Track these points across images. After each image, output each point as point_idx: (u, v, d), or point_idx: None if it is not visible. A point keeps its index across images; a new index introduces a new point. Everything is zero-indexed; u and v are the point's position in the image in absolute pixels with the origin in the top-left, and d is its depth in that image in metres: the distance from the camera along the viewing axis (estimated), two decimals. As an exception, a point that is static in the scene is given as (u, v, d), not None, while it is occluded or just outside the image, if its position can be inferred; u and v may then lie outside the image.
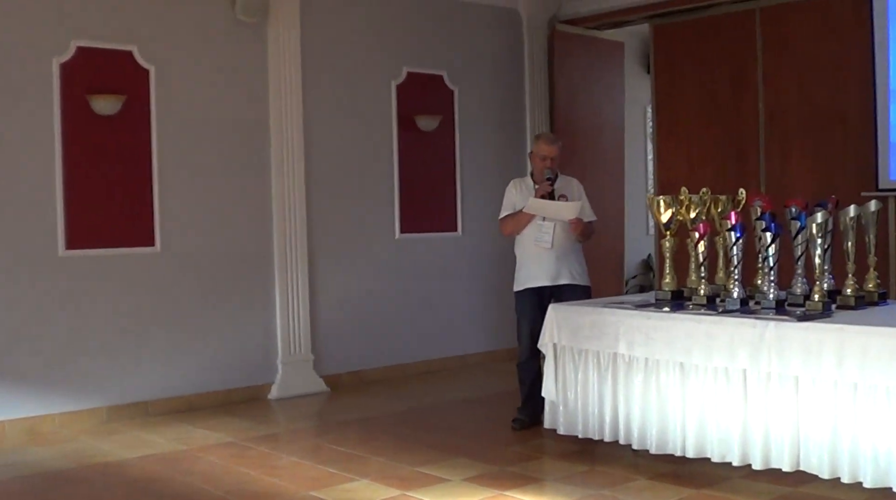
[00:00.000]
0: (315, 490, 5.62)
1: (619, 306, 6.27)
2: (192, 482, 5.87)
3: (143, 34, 7.78)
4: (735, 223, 5.91)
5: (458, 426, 7.29)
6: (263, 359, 8.45)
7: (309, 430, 7.46)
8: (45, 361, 7.32)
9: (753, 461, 5.40)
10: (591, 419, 6.23)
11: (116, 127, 7.62)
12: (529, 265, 7.15)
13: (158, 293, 7.88)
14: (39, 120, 7.30)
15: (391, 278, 9.30)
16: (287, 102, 8.52)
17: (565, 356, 6.39)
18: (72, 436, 7.15)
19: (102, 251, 7.59)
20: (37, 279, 7.29)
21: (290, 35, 8.53)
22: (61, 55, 7.38)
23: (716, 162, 9.53)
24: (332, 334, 8.85)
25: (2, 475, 6.14)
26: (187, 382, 8.01)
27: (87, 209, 7.49)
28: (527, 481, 5.71)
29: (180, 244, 7.99)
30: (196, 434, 7.14)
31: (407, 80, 9.46)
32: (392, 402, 8.24)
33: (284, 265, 8.50)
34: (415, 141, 9.48)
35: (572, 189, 7.18)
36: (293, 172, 8.54)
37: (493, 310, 9.88)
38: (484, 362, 9.89)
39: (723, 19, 9.50)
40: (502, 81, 10.25)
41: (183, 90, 8.01)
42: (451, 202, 9.78)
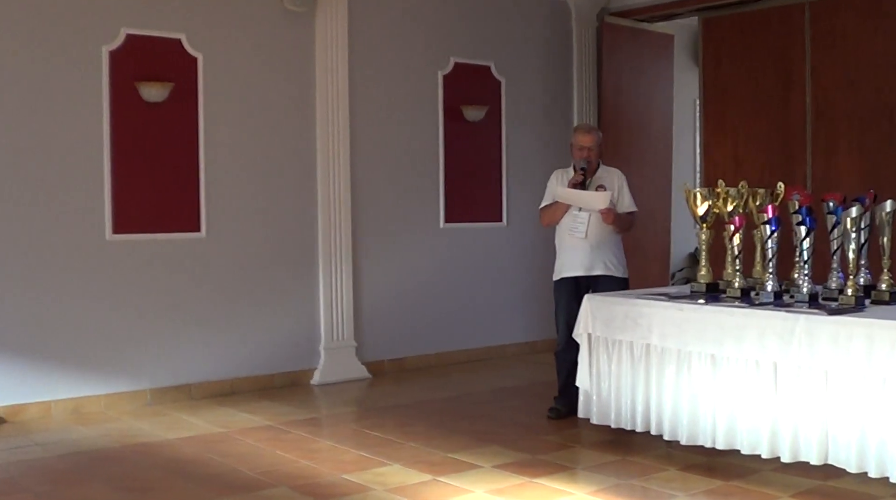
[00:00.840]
0: (347, 474, 5.70)
1: (653, 297, 6.28)
2: (228, 464, 5.97)
3: (191, 22, 7.91)
4: (771, 217, 5.90)
5: (494, 415, 7.33)
6: (306, 345, 8.56)
7: (347, 415, 7.55)
8: (91, 343, 7.48)
9: (782, 453, 5.39)
10: (624, 410, 6.25)
11: (164, 114, 7.75)
12: (565, 255, 7.18)
13: (203, 278, 8.02)
14: (88, 107, 7.45)
15: (435, 267, 9.37)
16: (333, 92, 8.61)
17: (599, 347, 6.42)
18: (115, 417, 7.30)
19: (148, 236, 7.73)
20: (84, 263, 7.45)
21: (338, 24, 8.61)
22: (110, 43, 7.52)
23: (762, 156, 9.47)
24: (375, 321, 8.94)
25: (46, 453, 6.29)
26: (230, 366, 8.14)
27: (133, 194, 7.64)
28: (557, 469, 5.75)
29: (226, 230, 8.11)
30: (236, 418, 7.26)
31: (454, 71, 9.50)
32: (431, 390, 8.31)
33: (329, 252, 8.60)
34: (461, 131, 9.52)
35: (613, 180, 7.18)
36: (339, 160, 8.63)
37: (535, 300, 9.91)
38: (526, 352, 9.94)
39: (772, 13, 9.43)
40: (550, 73, 10.27)
41: (230, 78, 8.12)
42: (496, 193, 9.82)
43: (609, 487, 5.39)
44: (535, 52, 10.15)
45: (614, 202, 7.00)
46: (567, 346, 6.91)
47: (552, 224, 7.25)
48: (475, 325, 9.64)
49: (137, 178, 7.66)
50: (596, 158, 7.15)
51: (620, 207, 7.04)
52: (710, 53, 10.02)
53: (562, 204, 7.05)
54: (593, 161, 7.10)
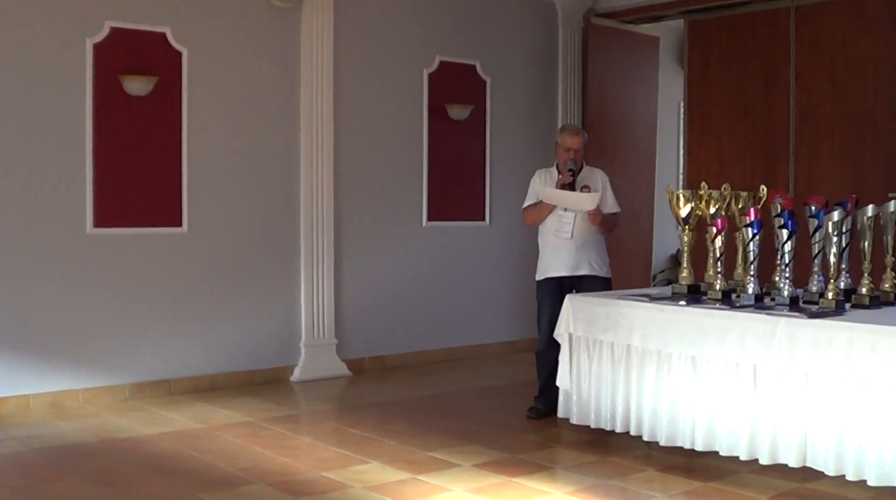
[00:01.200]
0: (326, 471, 5.69)
1: (634, 298, 6.29)
2: (206, 460, 5.95)
3: (176, 16, 7.87)
4: (753, 219, 5.92)
5: (475, 414, 7.33)
6: (287, 341, 8.53)
7: (327, 412, 7.53)
8: (71, 337, 7.44)
9: (761, 455, 5.41)
10: (604, 410, 6.26)
11: (148, 108, 7.71)
12: (549, 255, 7.19)
13: (185, 273, 7.98)
14: (72, 99, 7.40)
15: (417, 265, 9.36)
16: (318, 88, 8.58)
17: (580, 347, 6.43)
18: (94, 412, 7.27)
19: (130, 230, 7.69)
20: (64, 256, 7.41)
21: (324, 20, 8.59)
22: (94, 35, 7.47)
23: (745, 159, 9.50)
24: (356, 318, 8.92)
25: (24, 447, 6.25)
26: (210, 362, 8.11)
27: (115, 188, 7.59)
28: (536, 468, 5.75)
29: (208, 225, 8.08)
30: (215, 413, 7.24)
31: (439, 69, 9.49)
32: (412, 388, 8.30)
33: (310, 249, 8.58)
34: (445, 130, 9.52)
35: (597, 180, 7.20)
36: (322, 157, 8.61)
37: (517, 300, 9.91)
38: (507, 351, 9.94)
39: (758, 16, 9.45)
40: (535, 73, 10.27)
41: (215, 73, 8.09)
42: (479, 191, 9.82)
43: (588, 487, 5.40)
44: (521, 51, 10.16)
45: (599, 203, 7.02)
46: (548, 346, 6.92)
47: (536, 224, 7.26)
48: (456, 323, 9.63)
49: (120, 171, 7.61)
50: (581, 160, 7.16)
51: (604, 208, 7.04)
52: (695, 56, 10.04)
53: (546, 204, 7.05)
54: (579, 162, 7.11)
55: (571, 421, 6.48)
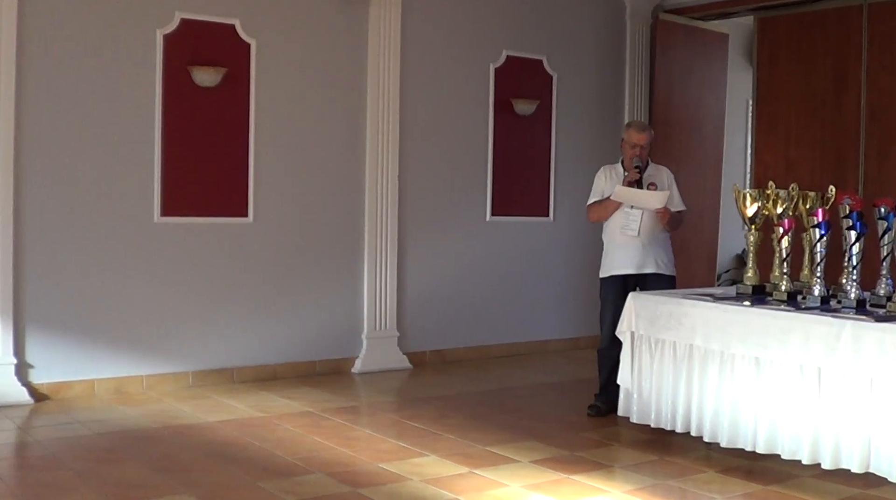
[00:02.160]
0: (384, 463, 5.71)
1: (698, 297, 6.23)
2: (265, 448, 6.01)
3: (245, 8, 7.94)
4: (821, 220, 5.84)
5: (534, 410, 7.31)
6: (349, 333, 8.58)
7: (387, 404, 7.55)
8: (136, 324, 7.55)
9: (823, 460, 5.34)
10: (665, 409, 6.22)
11: (216, 99, 7.79)
12: (615, 253, 7.14)
13: (249, 263, 8.06)
14: (142, 90, 7.51)
15: (479, 260, 9.36)
16: (385, 81, 8.62)
17: (642, 345, 6.39)
18: (157, 398, 7.37)
19: (196, 220, 7.78)
20: (132, 244, 7.52)
21: (391, 14, 8.61)
22: (165, 27, 7.57)
23: (814, 159, 9.36)
24: (418, 312, 8.95)
25: (88, 431, 6.36)
26: (273, 351, 8.18)
27: (183, 178, 7.69)
28: (595, 466, 5.73)
29: (273, 216, 8.15)
30: (277, 403, 7.30)
31: (506, 64, 9.47)
32: (472, 382, 8.30)
33: (374, 241, 8.62)
34: (511, 125, 9.50)
35: (662, 178, 7.15)
36: (388, 150, 8.64)
37: (579, 297, 9.88)
38: (568, 348, 9.90)
39: (829, 14, 9.31)
40: (602, 69, 10.21)
41: (282, 65, 8.15)
42: (544, 187, 9.79)
43: (646, 486, 5.36)
44: (588, 47, 10.10)
45: None
46: (611, 343, 6.86)
47: (601, 221, 7.22)
48: (518, 319, 9.62)
49: (187, 161, 7.71)
50: (647, 156, 7.11)
51: (670, 206, 6.97)
52: (764, 53, 9.91)
53: (613, 201, 6.99)
54: (644, 159, 7.06)
55: (631, 420, 6.45)
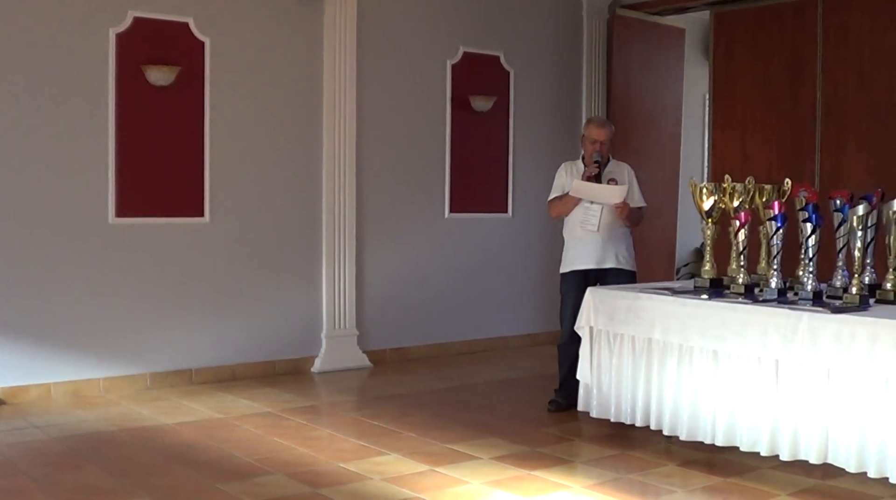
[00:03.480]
0: (345, 462, 5.68)
1: (656, 291, 6.25)
2: (225, 449, 5.96)
3: (199, 6, 7.87)
4: (777, 213, 5.87)
5: (495, 406, 7.30)
6: (308, 332, 8.54)
7: (347, 404, 7.53)
8: (92, 326, 7.47)
9: (782, 451, 5.37)
10: (624, 404, 6.23)
11: (170, 98, 7.72)
12: (576, 248, 7.15)
13: (206, 263, 8.00)
14: (95, 89, 7.42)
15: (438, 257, 9.34)
16: (341, 78, 8.57)
17: (601, 340, 6.41)
18: (115, 401, 7.29)
19: (152, 220, 7.71)
20: (86, 246, 7.43)
21: (347, 11, 8.57)
22: (118, 25, 7.49)
23: (771, 153, 9.41)
24: (378, 310, 8.92)
25: (46, 435, 6.28)
26: (231, 352, 8.12)
27: (138, 178, 7.61)
28: (556, 462, 5.73)
29: (229, 215, 8.09)
30: (236, 404, 7.25)
31: (463, 60, 9.46)
32: (432, 380, 8.29)
33: (332, 240, 8.57)
34: (468, 121, 9.49)
35: (623, 174, 7.16)
36: (345, 148, 8.60)
37: (539, 293, 9.88)
38: (528, 344, 9.90)
39: (784, 8, 9.35)
40: (560, 65, 10.22)
41: (237, 63, 8.09)
42: (502, 184, 9.78)
43: (608, 481, 5.37)
44: (546, 43, 10.10)
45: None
46: (570, 339, 6.87)
47: (562, 216, 7.23)
48: (478, 316, 9.61)
49: (142, 161, 7.63)
50: (607, 152, 7.12)
51: (631, 202, 6.99)
52: (721, 48, 9.95)
53: (573, 197, 7.01)
54: (605, 155, 7.07)
55: (591, 415, 6.46)
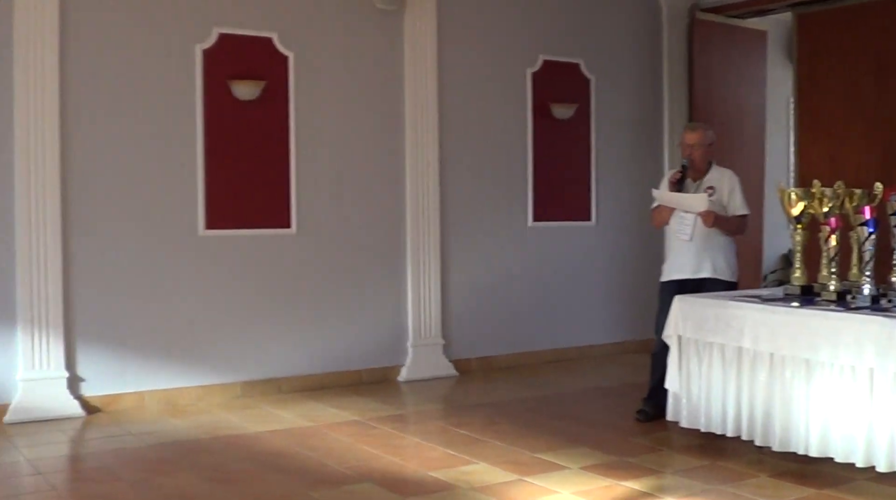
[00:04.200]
0: (434, 471, 5.71)
1: (746, 299, 6.18)
2: (315, 458, 6.03)
3: (283, 21, 7.99)
4: (868, 218, 5.78)
5: (583, 415, 7.28)
6: (394, 342, 8.60)
7: (434, 412, 7.56)
8: (184, 336, 7.62)
9: (878, 463, 5.26)
10: (714, 413, 6.17)
11: (256, 112, 7.85)
12: (672, 257, 7.08)
13: (294, 274, 8.10)
14: (183, 104, 7.58)
15: (523, 266, 9.34)
16: (422, 89, 8.64)
17: (690, 349, 6.35)
18: (206, 409, 7.42)
19: (240, 232, 7.84)
20: (177, 257, 7.59)
21: (427, 22, 8.64)
22: (204, 42, 7.64)
23: (858, 156, 9.25)
24: (463, 319, 8.95)
25: (139, 443, 6.42)
26: (320, 361, 8.21)
27: (226, 191, 7.75)
28: (645, 472, 5.69)
29: (316, 226, 8.18)
30: (324, 412, 7.32)
31: (543, 68, 9.46)
32: (519, 389, 8.28)
33: (417, 249, 8.63)
34: (549, 129, 9.48)
35: (723, 181, 6.99)
36: (427, 158, 8.66)
37: (625, 301, 9.84)
38: (615, 352, 9.84)
39: (869, 7, 9.21)
40: (640, 70, 10.17)
41: (321, 76, 8.19)
42: (584, 191, 9.74)
43: (698, 492, 5.32)
44: (626, 49, 10.06)
45: (724, 204, 6.88)
46: (664, 347, 6.76)
47: (661, 226, 7.16)
48: (563, 324, 9.58)
49: (230, 174, 7.77)
50: (703, 157, 6.99)
51: (731, 210, 6.90)
52: (804, 50, 9.82)
53: (665, 206, 6.96)
54: (697, 160, 6.97)
55: (681, 424, 6.41)
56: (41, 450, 6.27)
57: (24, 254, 7.03)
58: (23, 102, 7.00)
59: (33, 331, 7.05)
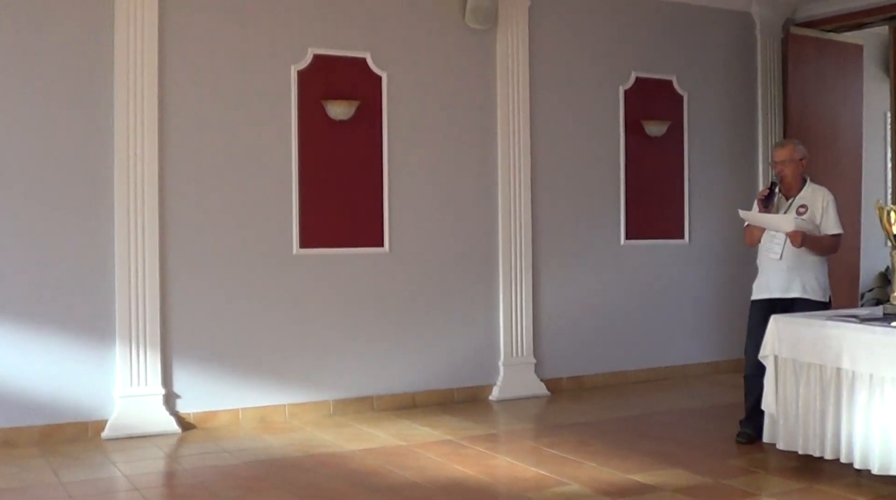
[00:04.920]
0: (527, 491, 5.70)
1: (843, 319, 6.07)
2: (407, 477, 6.05)
3: (376, 41, 8.08)
4: (971, 237, 5.65)
5: (676, 436, 7.20)
6: (486, 360, 8.60)
7: (526, 432, 7.53)
8: (278, 354, 7.71)
9: (983, 487, 5.15)
10: (812, 435, 6.05)
11: (349, 131, 7.94)
12: (762, 276, 6.97)
13: (386, 292, 8.16)
14: (278, 124, 7.70)
15: (615, 284, 9.29)
16: (514, 107, 8.65)
17: (787, 369, 6.24)
18: (299, 426, 7.49)
19: (334, 251, 7.92)
20: (272, 276, 7.70)
21: (519, 41, 8.66)
22: (299, 63, 7.76)
23: (960, 171, 9.07)
24: (554, 338, 8.92)
25: (234, 460, 6.51)
26: (411, 379, 8.25)
27: (320, 209, 7.84)
28: (741, 495, 5.61)
29: (408, 245, 8.24)
30: (417, 431, 7.35)
31: (635, 85, 9.42)
32: (611, 408, 8.23)
33: (509, 268, 8.63)
34: (642, 146, 9.43)
35: (817, 200, 6.85)
36: (520, 176, 8.67)
37: (719, 320, 9.73)
38: (709, 372, 9.74)
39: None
40: (734, 86, 10.07)
41: (413, 96, 8.26)
42: (678, 209, 9.67)
43: (796, 515, 5.26)
44: (719, 65, 9.98)
45: (816, 223, 6.77)
46: (756, 369, 6.65)
47: (753, 245, 7.07)
48: (656, 343, 9.51)
49: (324, 193, 7.86)
50: (794, 173, 6.88)
51: (824, 229, 6.78)
52: (902, 64, 9.65)
53: (755, 225, 6.87)
54: (789, 176, 6.86)
55: (778, 446, 6.30)
56: (138, 466, 6.39)
57: (122, 273, 7.18)
58: (122, 121, 7.17)
59: (131, 348, 7.20)
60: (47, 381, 7.02)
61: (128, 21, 7.18)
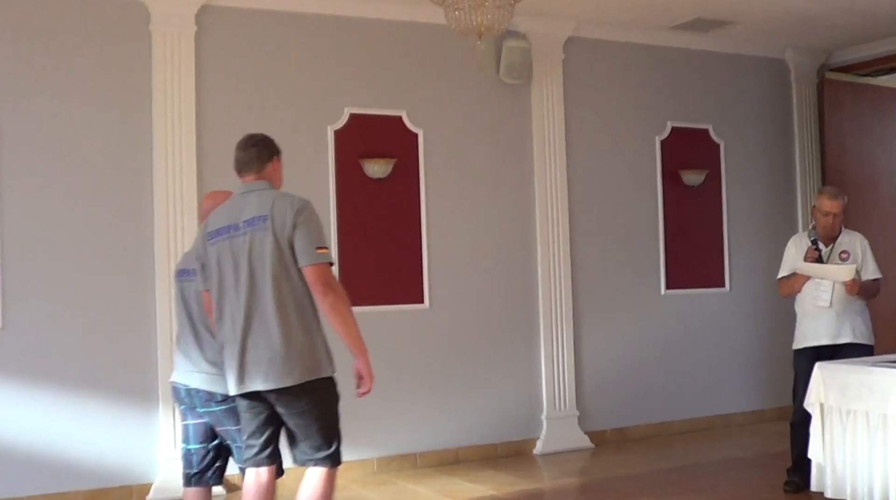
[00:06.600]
0: (573, 546, 5.67)
1: (889, 364, 6.00)
2: (454, 534, 6.03)
3: (411, 99, 8.17)
4: None
5: (722, 487, 7.12)
6: (529, 414, 8.57)
7: (571, 486, 7.49)
8: (321, 412, 7.70)
9: None
10: (860, 483, 5.94)
11: (387, 189, 8.00)
12: (808, 323, 6.91)
13: (427, 348, 8.18)
14: (316, 184, 7.77)
15: (657, 335, 9.25)
16: (551, 160, 8.70)
17: (833, 417, 6.16)
18: (344, 485, 7.45)
19: (374, 308, 7.93)
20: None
21: (553, 95, 8.72)
22: (335, 123, 7.86)
23: None
24: (597, 390, 8.88)
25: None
26: (455, 435, 8.24)
27: (359, 267, 7.88)
28: (791, 545, 5.55)
29: (448, 301, 8.26)
30: (461, 487, 7.32)
31: (671, 135, 9.44)
32: (656, 460, 8.17)
33: (549, 321, 8.63)
34: (680, 196, 9.43)
35: (856, 245, 6.86)
36: (558, 229, 8.69)
37: (762, 368, 9.65)
38: (753, 421, 9.63)
39: None
40: (770, 133, 10.07)
41: (450, 152, 8.33)
42: (718, 257, 9.63)
43: (847, 565, 5.17)
44: (754, 112, 9.98)
45: (859, 270, 6.75)
46: (803, 417, 6.60)
47: (790, 296, 7.03)
48: (699, 393, 9.43)
49: (363, 251, 7.91)
50: (840, 224, 6.90)
51: (865, 274, 6.74)
52: (939, 107, 9.60)
53: (801, 275, 6.83)
54: (835, 227, 6.85)
55: (826, 495, 6.19)
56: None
57: (164, 336, 7.19)
58: (161, 190, 7.29)
59: (174, 411, 7.21)
60: (93, 445, 7.06)
61: (165, 86, 7.31)
